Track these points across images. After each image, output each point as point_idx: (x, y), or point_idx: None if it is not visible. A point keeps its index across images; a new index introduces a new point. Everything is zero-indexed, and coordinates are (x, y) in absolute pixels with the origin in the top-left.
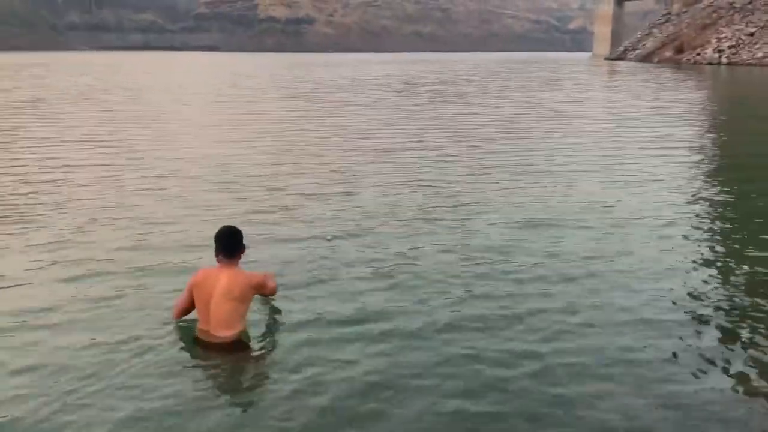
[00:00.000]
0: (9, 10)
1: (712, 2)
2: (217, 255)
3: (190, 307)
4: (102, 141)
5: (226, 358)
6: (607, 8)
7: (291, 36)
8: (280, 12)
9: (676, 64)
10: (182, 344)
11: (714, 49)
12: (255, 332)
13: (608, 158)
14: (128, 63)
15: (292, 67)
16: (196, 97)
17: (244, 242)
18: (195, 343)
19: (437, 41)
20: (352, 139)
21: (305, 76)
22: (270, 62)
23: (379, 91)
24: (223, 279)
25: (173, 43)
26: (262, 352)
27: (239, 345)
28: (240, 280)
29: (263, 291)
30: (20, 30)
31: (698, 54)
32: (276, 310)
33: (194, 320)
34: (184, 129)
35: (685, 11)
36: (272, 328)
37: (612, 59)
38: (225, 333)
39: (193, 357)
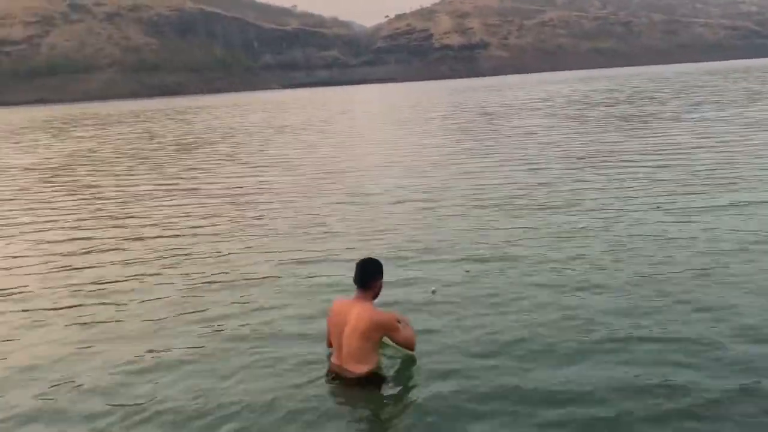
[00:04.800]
0: (209, 56)
1: None
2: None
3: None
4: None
5: (358, 395)
6: None
7: (464, 62)
8: (454, 40)
9: None
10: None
11: None
12: (391, 368)
13: None
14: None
15: (453, 94)
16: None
17: (382, 277)
18: (328, 376)
19: (618, 56)
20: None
21: (461, 102)
22: (437, 89)
23: (536, 116)
24: (353, 313)
25: (354, 77)
26: (396, 390)
27: (372, 380)
28: (366, 316)
29: (392, 335)
30: (219, 73)
31: None
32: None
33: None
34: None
35: None
36: (409, 366)
37: None
38: (356, 368)
39: (325, 391)
